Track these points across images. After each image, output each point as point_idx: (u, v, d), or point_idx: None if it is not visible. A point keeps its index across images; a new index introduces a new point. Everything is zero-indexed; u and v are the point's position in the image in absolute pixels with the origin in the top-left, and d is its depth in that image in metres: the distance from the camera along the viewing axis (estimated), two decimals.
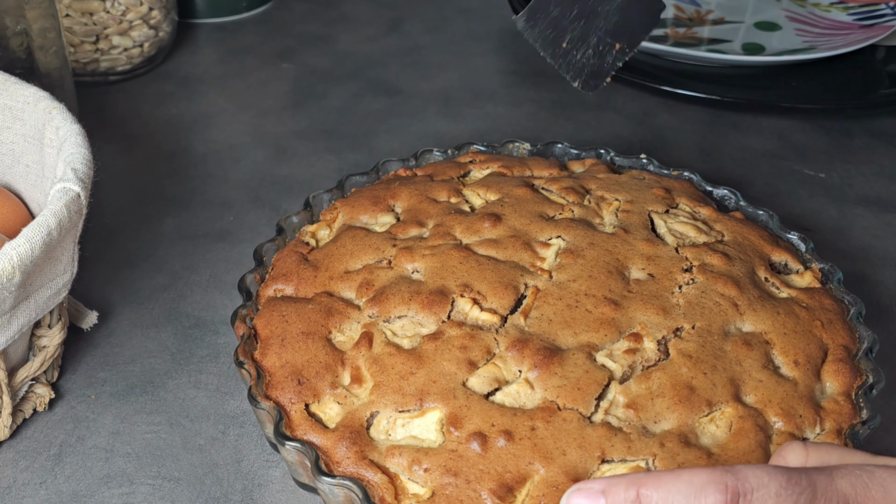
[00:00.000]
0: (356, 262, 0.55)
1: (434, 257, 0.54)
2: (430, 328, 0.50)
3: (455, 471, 0.44)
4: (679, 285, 0.53)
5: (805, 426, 0.48)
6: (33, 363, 0.52)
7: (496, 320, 0.50)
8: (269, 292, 0.55)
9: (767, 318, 0.52)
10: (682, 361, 0.49)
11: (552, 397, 0.47)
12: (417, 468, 0.45)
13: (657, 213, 0.59)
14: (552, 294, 0.52)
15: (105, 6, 0.81)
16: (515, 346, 0.49)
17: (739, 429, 0.47)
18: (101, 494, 0.50)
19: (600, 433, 0.46)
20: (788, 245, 0.60)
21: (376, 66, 0.92)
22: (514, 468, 0.44)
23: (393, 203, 0.60)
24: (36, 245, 0.46)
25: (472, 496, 0.44)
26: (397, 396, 0.47)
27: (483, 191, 0.60)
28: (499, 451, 0.45)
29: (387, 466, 0.45)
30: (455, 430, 0.46)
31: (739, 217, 0.61)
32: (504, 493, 0.44)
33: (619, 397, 0.47)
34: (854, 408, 0.49)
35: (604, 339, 0.50)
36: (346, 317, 0.52)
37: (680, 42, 0.91)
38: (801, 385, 0.49)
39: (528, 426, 0.46)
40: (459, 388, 0.47)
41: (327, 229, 0.59)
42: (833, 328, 0.53)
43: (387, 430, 0.47)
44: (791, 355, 0.51)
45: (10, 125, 0.58)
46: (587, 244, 0.55)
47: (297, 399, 0.48)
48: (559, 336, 0.50)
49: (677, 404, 0.47)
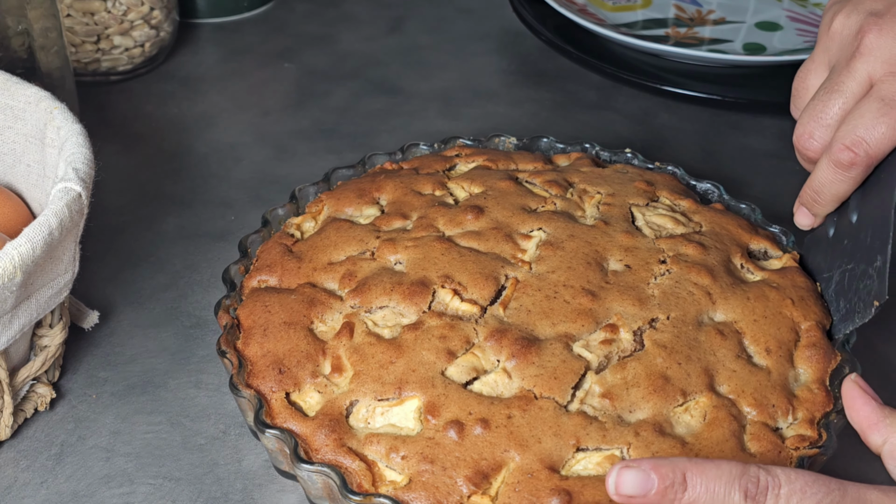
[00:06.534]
0: (340, 254, 0.55)
1: (416, 249, 0.54)
2: (411, 318, 0.51)
3: (432, 458, 0.45)
4: (654, 276, 0.54)
5: (778, 416, 0.49)
6: (34, 363, 0.53)
7: (476, 311, 0.51)
8: (253, 283, 0.55)
9: (738, 306, 0.53)
10: (657, 352, 0.50)
11: (529, 386, 0.48)
12: (395, 455, 0.46)
13: (637, 205, 0.60)
14: (531, 285, 0.52)
15: (106, 6, 0.81)
16: (494, 336, 0.49)
17: (713, 418, 0.48)
18: (101, 494, 0.50)
19: (576, 422, 0.46)
20: (769, 234, 0.60)
21: (377, 65, 0.92)
22: (489, 455, 0.45)
23: (378, 196, 0.60)
24: (37, 245, 0.46)
25: (448, 483, 0.44)
26: (376, 385, 0.48)
27: (467, 184, 0.61)
28: (475, 439, 0.46)
29: (365, 454, 0.46)
30: (432, 419, 0.47)
31: (720, 208, 0.62)
32: (479, 480, 0.44)
33: (595, 387, 0.48)
34: (828, 395, 0.50)
35: (581, 329, 0.50)
36: (329, 307, 0.52)
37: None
38: (774, 373, 0.50)
39: (505, 414, 0.46)
40: (438, 377, 0.48)
41: (312, 221, 0.60)
42: (805, 305, 0.54)
43: (366, 418, 0.48)
44: (762, 343, 0.51)
45: (12, 125, 0.58)
46: (567, 236, 0.56)
47: (277, 388, 0.49)
48: (537, 326, 0.50)
49: (652, 394, 0.48)
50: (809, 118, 0.54)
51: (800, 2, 0.99)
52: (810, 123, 0.54)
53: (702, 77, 0.86)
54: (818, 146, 0.54)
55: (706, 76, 0.87)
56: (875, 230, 0.52)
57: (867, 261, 0.52)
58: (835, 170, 0.52)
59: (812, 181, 0.55)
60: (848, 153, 0.51)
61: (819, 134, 0.53)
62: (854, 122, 0.51)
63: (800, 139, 0.54)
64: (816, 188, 0.55)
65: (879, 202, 0.52)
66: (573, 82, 0.90)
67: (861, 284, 0.52)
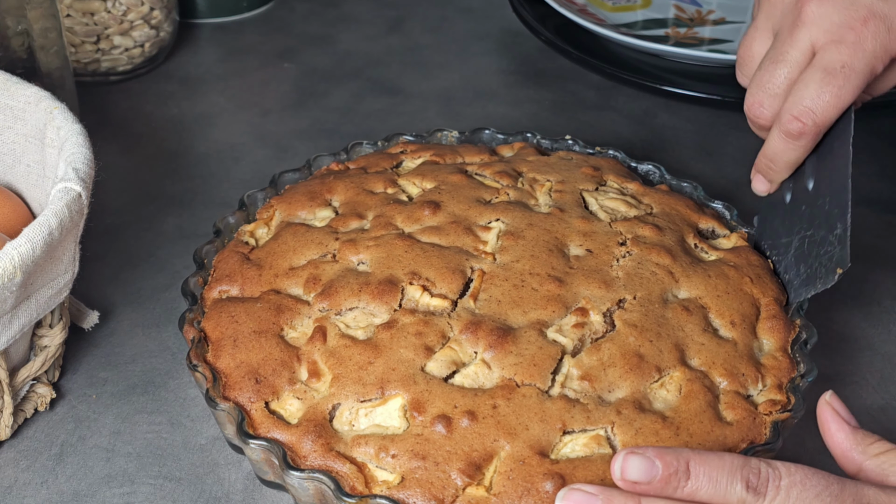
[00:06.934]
0: (300, 258, 0.55)
1: (378, 248, 0.54)
2: (383, 318, 0.51)
3: (423, 454, 0.45)
4: (616, 258, 0.55)
5: (748, 384, 0.50)
6: (34, 363, 0.53)
7: (447, 305, 0.52)
8: (213, 294, 0.55)
9: (700, 283, 0.54)
10: (628, 331, 0.51)
11: (509, 375, 0.48)
12: (385, 455, 0.46)
13: (588, 191, 0.61)
14: (498, 276, 0.53)
15: (106, 6, 0.81)
16: (469, 329, 0.50)
17: (689, 391, 0.49)
18: (102, 494, 0.50)
19: (559, 406, 0.47)
20: (714, 212, 0.62)
21: (377, 65, 0.92)
22: (479, 446, 0.46)
23: (330, 197, 0.60)
24: (37, 245, 0.46)
25: (442, 477, 0.45)
26: (358, 387, 0.48)
27: (419, 179, 0.61)
28: (464, 432, 0.46)
29: (354, 456, 0.46)
30: (419, 415, 0.47)
31: (665, 189, 0.63)
32: (473, 472, 0.45)
33: (573, 370, 0.49)
34: (791, 362, 0.52)
35: (552, 315, 0.51)
36: (297, 313, 0.52)
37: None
38: (740, 345, 0.52)
39: (490, 405, 0.47)
40: (419, 374, 0.48)
41: (265, 228, 0.59)
42: (762, 282, 0.56)
43: (350, 420, 0.48)
44: (727, 317, 0.53)
45: (12, 125, 0.58)
46: (526, 225, 0.56)
47: (256, 398, 0.49)
48: (509, 316, 0.51)
49: (628, 372, 0.49)
50: (757, 88, 0.56)
51: None
52: (759, 93, 0.56)
53: (702, 77, 0.86)
54: (768, 114, 0.56)
55: (706, 76, 0.87)
56: (833, 197, 0.53)
57: (827, 227, 0.53)
58: (785, 139, 0.55)
59: (765, 149, 0.57)
60: (797, 123, 0.53)
61: (768, 103, 0.55)
62: (800, 93, 0.53)
63: (750, 108, 0.56)
64: (770, 156, 0.57)
65: (835, 169, 0.54)
66: (573, 82, 0.90)
67: (822, 250, 0.53)
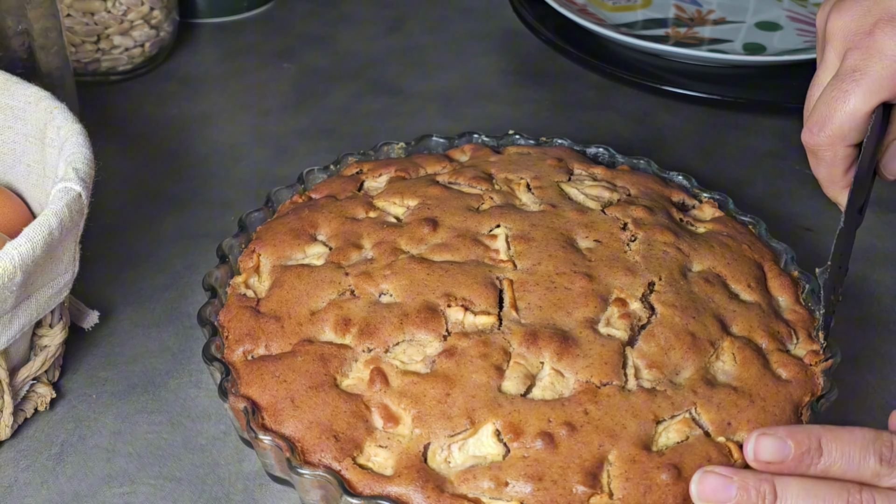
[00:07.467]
0: (317, 301, 0.52)
1: (397, 276, 0.52)
2: (435, 346, 0.49)
3: (538, 475, 0.44)
4: (626, 244, 0.55)
5: (785, 340, 0.51)
6: (34, 363, 0.53)
7: (493, 320, 0.50)
8: (236, 357, 0.51)
9: (708, 254, 0.55)
10: (671, 313, 0.51)
11: (585, 378, 0.47)
12: (498, 486, 0.44)
13: (563, 182, 0.60)
14: (527, 282, 0.52)
15: (106, 6, 0.81)
16: (528, 340, 0.49)
17: (743, 358, 0.49)
18: (102, 494, 0.50)
19: (643, 398, 0.47)
20: (677, 185, 0.63)
21: (377, 65, 0.92)
22: (588, 455, 0.45)
23: (314, 231, 0.57)
24: (37, 245, 0.46)
25: (564, 493, 0.44)
26: (444, 422, 0.46)
27: (398, 198, 0.58)
28: (568, 444, 0.45)
29: (465, 493, 0.44)
30: (517, 438, 0.45)
31: (627, 170, 0.63)
32: (591, 481, 0.44)
33: (638, 360, 0.48)
34: (809, 312, 0.53)
35: (595, 310, 0.51)
36: (343, 359, 0.49)
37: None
38: (763, 305, 0.53)
39: (581, 411, 0.46)
40: (500, 396, 0.47)
41: (256, 276, 0.56)
42: (758, 246, 0.57)
43: (445, 458, 0.46)
44: (743, 282, 0.54)
45: (12, 125, 0.58)
46: (529, 226, 0.55)
47: (341, 457, 0.45)
48: (556, 319, 0.50)
49: (688, 352, 0.49)
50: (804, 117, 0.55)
51: (800, 2, 0.99)
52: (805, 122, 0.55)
53: (702, 77, 0.86)
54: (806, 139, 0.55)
55: (706, 76, 0.87)
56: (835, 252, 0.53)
57: None
58: (809, 154, 0.54)
59: None
60: (807, 133, 0.53)
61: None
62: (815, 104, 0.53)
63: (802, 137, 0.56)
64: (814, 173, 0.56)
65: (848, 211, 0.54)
66: (573, 82, 0.90)
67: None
